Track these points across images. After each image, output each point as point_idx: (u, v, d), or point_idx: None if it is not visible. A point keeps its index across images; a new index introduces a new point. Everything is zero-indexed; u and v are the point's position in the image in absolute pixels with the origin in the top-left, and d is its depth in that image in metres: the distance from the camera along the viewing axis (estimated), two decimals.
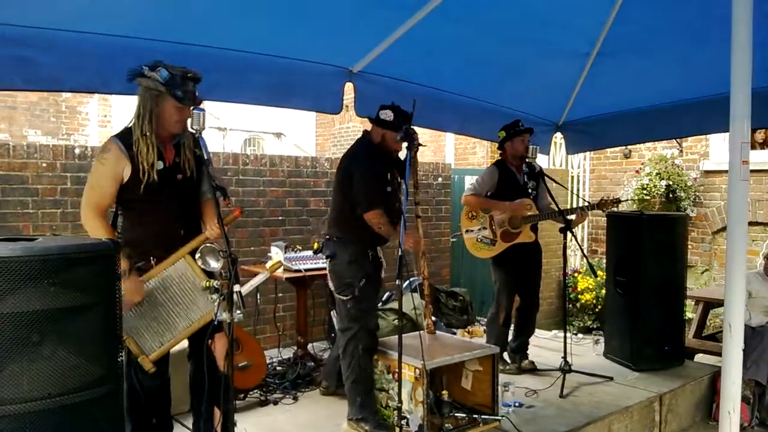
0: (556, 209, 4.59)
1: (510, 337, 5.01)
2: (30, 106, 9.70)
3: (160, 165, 2.89)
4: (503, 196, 4.78)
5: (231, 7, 3.23)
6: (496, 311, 4.90)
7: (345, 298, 3.74)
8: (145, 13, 3.10)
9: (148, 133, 2.85)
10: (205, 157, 2.85)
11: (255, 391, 4.29)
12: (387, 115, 3.74)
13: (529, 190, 4.84)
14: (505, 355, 4.92)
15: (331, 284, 3.86)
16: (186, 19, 3.24)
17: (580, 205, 5.17)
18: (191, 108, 2.80)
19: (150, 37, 3.22)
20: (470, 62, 4.30)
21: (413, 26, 3.66)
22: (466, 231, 4.93)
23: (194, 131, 2.83)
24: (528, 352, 5.04)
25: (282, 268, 4.71)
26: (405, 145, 3.54)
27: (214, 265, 2.74)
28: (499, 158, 4.94)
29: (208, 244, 2.80)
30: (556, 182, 4.96)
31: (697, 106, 4.65)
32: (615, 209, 4.85)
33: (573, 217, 4.70)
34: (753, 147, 5.80)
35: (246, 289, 3.52)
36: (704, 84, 4.32)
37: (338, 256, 3.78)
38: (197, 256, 2.78)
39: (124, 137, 2.90)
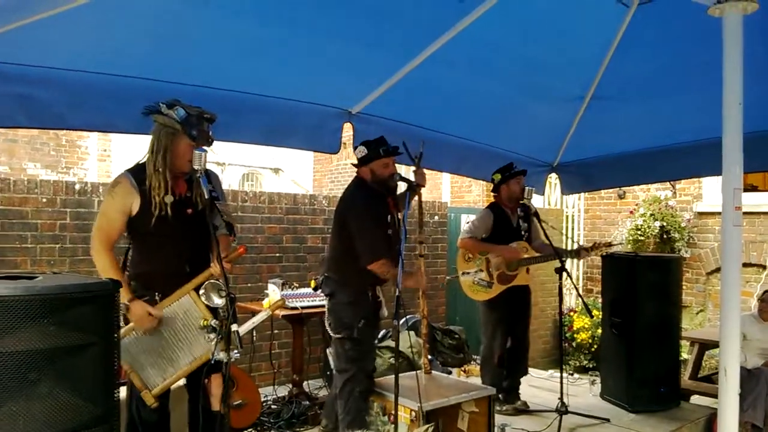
0: (552, 251, 4.61)
1: None
2: (30, 139, 9.76)
3: (170, 199, 2.93)
4: (497, 240, 4.82)
5: (235, 49, 3.31)
6: (490, 352, 4.89)
7: (342, 337, 3.72)
8: (149, 55, 3.17)
9: (161, 169, 2.90)
10: (206, 195, 2.89)
11: (249, 430, 4.25)
12: (361, 151, 3.82)
13: (522, 233, 4.88)
14: (501, 396, 4.89)
15: (327, 323, 3.84)
16: (189, 61, 3.32)
17: (573, 247, 5.17)
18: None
19: (153, 78, 3.28)
20: (466, 105, 4.37)
21: (412, 70, 3.74)
22: (463, 273, 4.92)
23: (197, 169, 2.86)
24: (520, 392, 5.02)
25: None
26: (405, 186, 3.61)
27: (218, 301, 2.75)
28: (494, 201, 4.98)
29: (212, 281, 2.81)
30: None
31: (691, 149, 4.69)
32: (609, 251, 4.87)
33: (568, 259, 4.69)
34: (747, 189, 5.84)
35: (246, 327, 3.52)
36: (698, 128, 4.36)
37: (337, 296, 3.78)
38: (201, 292, 2.80)
39: (136, 172, 2.96)
